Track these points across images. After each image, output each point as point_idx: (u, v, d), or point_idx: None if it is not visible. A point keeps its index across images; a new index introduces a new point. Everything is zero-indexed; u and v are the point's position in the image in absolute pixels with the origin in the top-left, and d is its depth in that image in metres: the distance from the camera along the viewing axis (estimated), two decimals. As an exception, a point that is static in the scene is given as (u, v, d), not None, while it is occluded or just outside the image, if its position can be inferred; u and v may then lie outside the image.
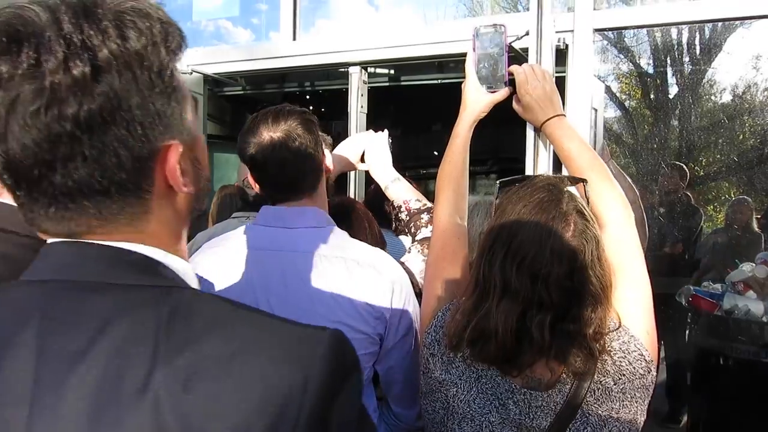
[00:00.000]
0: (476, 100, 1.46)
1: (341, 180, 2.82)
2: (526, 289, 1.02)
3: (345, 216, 1.56)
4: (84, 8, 0.57)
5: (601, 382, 1.07)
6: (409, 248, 1.61)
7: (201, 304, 0.61)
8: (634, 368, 1.08)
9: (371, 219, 2.02)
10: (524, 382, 1.08)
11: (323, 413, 0.56)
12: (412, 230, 1.63)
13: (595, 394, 1.06)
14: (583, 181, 1.21)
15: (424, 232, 1.60)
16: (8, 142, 0.56)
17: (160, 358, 0.55)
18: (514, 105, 1.48)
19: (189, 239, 2.46)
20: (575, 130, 1.39)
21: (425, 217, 1.61)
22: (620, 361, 1.08)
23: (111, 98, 0.57)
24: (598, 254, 1.06)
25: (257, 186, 1.42)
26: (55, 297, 0.60)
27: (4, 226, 1.01)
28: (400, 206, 1.66)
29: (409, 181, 1.77)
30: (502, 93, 1.46)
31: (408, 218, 1.64)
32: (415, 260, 1.54)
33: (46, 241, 1.04)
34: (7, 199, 1.04)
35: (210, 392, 0.54)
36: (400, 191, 1.67)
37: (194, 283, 0.68)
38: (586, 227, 1.06)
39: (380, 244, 1.77)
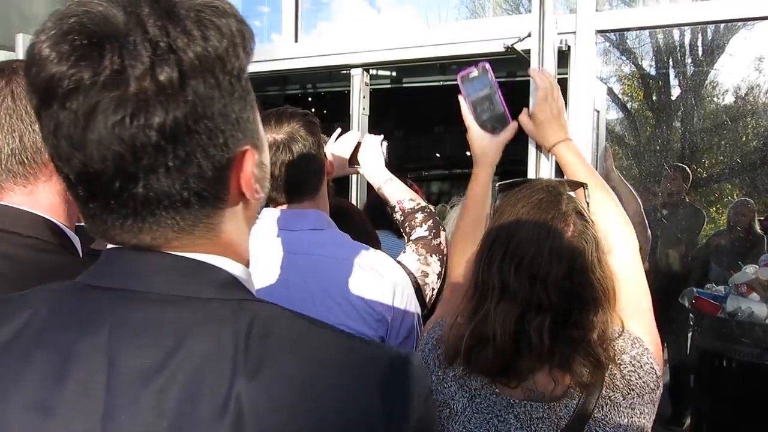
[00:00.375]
0: (485, 150, 1.44)
1: (343, 182, 2.82)
2: (525, 290, 1.01)
3: (341, 217, 1.56)
4: (165, 7, 0.53)
5: (609, 396, 1.03)
6: (404, 248, 1.61)
7: (277, 320, 0.58)
8: (644, 382, 1.05)
9: (365, 219, 2.03)
10: (525, 395, 1.05)
11: None
12: (407, 230, 1.63)
13: (602, 409, 1.03)
14: (584, 185, 1.20)
15: (419, 232, 1.59)
16: (87, 152, 0.52)
17: (240, 376, 0.52)
18: (522, 118, 1.44)
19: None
20: (582, 155, 1.39)
21: (419, 216, 1.61)
22: (630, 375, 1.05)
23: (196, 105, 0.53)
24: (599, 256, 1.04)
25: None
26: (126, 307, 0.56)
27: (6, 227, 1.01)
28: (394, 206, 1.66)
29: (404, 182, 1.77)
30: (510, 130, 1.43)
31: (402, 218, 1.64)
32: (410, 260, 1.54)
33: (48, 241, 1.04)
34: (6, 200, 1.04)
35: (293, 412, 0.52)
36: (394, 191, 1.67)
37: (254, 292, 0.66)
38: (585, 228, 1.05)
39: (375, 244, 1.77)
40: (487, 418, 1.06)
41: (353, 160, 1.73)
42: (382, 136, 1.75)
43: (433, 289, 1.50)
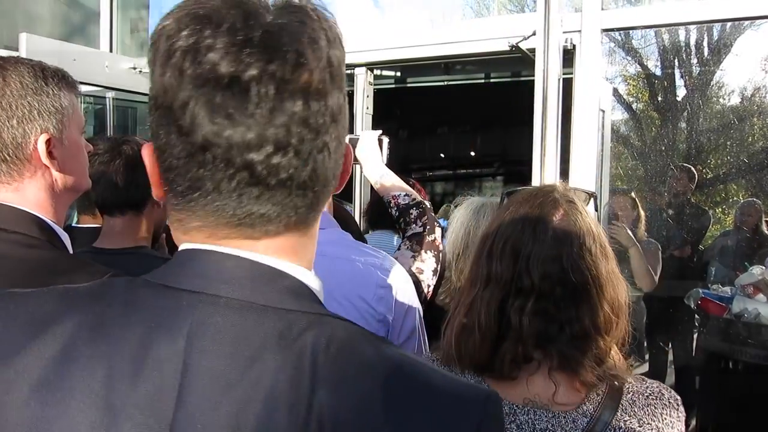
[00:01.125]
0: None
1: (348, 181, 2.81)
2: (508, 271, 1.00)
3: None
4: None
5: (624, 420, 0.99)
6: (399, 245, 1.60)
7: (355, 340, 0.56)
8: (663, 421, 1.01)
9: (349, 216, 2.04)
10: (525, 401, 1.02)
11: None
12: (402, 225, 1.61)
13: None
14: (593, 195, 1.20)
15: (414, 228, 1.58)
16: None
17: (320, 390, 0.51)
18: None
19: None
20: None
21: (414, 212, 1.59)
22: (648, 407, 1.02)
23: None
24: (591, 246, 1.01)
25: None
26: (206, 312, 0.54)
27: None
28: (389, 202, 1.64)
29: (406, 182, 1.76)
30: None
31: (398, 214, 1.62)
32: (405, 256, 1.53)
33: (35, 237, 1.03)
34: None
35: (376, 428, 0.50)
36: (388, 187, 1.66)
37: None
38: (577, 216, 1.03)
39: (360, 240, 1.76)
40: None
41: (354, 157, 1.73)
42: (380, 132, 1.74)
43: (429, 286, 1.49)
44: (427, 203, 1.65)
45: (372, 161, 1.68)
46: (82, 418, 0.51)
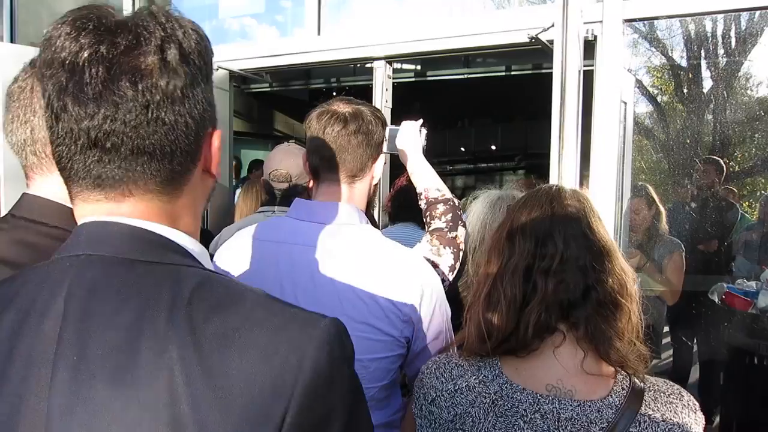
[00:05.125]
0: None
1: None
2: (531, 242, 1.06)
3: None
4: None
5: (648, 415, 1.00)
6: (422, 239, 1.60)
7: (215, 284, 0.66)
8: (683, 419, 1.02)
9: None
10: (548, 388, 1.02)
11: (316, 393, 0.60)
12: (427, 219, 1.61)
13: (639, 425, 0.99)
14: None
15: (437, 223, 1.58)
16: None
17: (176, 330, 0.60)
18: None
19: (215, 234, 2.49)
20: None
21: (441, 207, 1.59)
22: (669, 405, 1.03)
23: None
24: (600, 223, 1.09)
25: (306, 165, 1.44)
26: (82, 268, 0.65)
27: (32, 217, 1.03)
28: (420, 194, 1.65)
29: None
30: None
31: (425, 207, 1.63)
32: (423, 250, 1.53)
33: (71, 231, 1.06)
34: (33, 188, 1.06)
35: (215, 362, 0.59)
36: (423, 179, 1.66)
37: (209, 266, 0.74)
38: (581, 201, 1.12)
39: None
40: (511, 421, 1.01)
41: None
42: (421, 121, 1.74)
43: (444, 281, 1.49)
44: (456, 201, 1.65)
45: (413, 151, 1.69)
46: None
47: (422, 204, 1.64)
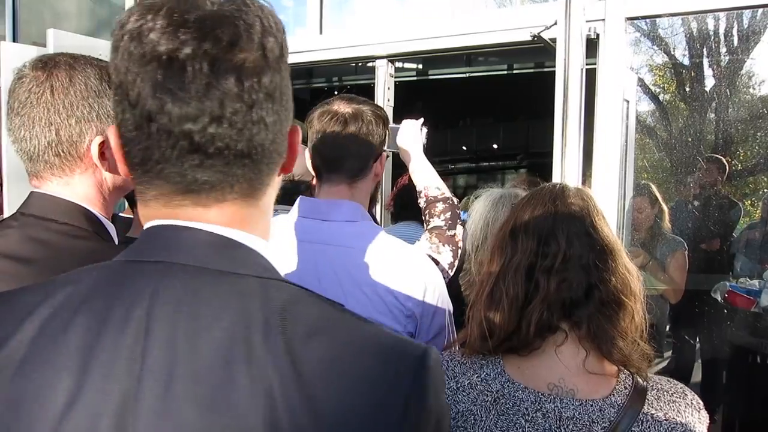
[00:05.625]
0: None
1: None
2: (534, 241, 1.06)
3: None
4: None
5: (651, 414, 1.00)
6: (421, 237, 1.61)
7: (302, 302, 0.62)
8: (686, 418, 1.02)
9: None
10: (550, 387, 1.03)
11: (419, 428, 0.58)
12: (426, 218, 1.63)
13: (642, 425, 0.99)
14: None
15: (436, 221, 1.59)
16: None
17: (273, 356, 0.56)
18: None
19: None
20: None
21: (440, 206, 1.61)
22: (672, 404, 1.03)
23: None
24: (603, 222, 1.09)
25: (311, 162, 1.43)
26: (165, 277, 0.60)
27: (43, 214, 1.04)
28: (420, 192, 1.66)
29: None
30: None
31: (425, 205, 1.64)
32: (422, 247, 1.54)
33: (84, 228, 1.06)
34: (44, 189, 1.07)
35: (318, 392, 0.55)
36: (423, 177, 1.67)
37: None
38: (585, 199, 1.11)
39: None
40: (513, 420, 1.02)
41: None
42: (422, 120, 1.75)
43: (444, 278, 1.50)
44: (455, 200, 1.66)
45: (413, 149, 1.70)
46: (58, 384, 0.56)
47: (422, 202, 1.65)
